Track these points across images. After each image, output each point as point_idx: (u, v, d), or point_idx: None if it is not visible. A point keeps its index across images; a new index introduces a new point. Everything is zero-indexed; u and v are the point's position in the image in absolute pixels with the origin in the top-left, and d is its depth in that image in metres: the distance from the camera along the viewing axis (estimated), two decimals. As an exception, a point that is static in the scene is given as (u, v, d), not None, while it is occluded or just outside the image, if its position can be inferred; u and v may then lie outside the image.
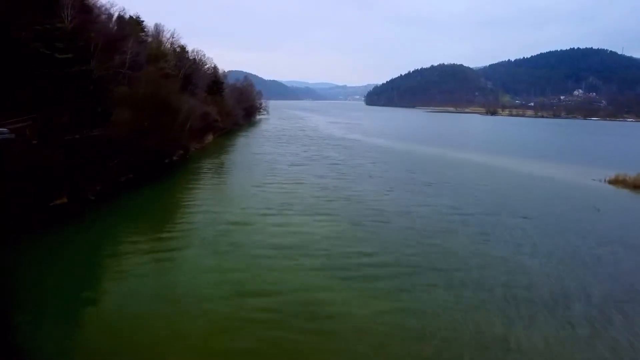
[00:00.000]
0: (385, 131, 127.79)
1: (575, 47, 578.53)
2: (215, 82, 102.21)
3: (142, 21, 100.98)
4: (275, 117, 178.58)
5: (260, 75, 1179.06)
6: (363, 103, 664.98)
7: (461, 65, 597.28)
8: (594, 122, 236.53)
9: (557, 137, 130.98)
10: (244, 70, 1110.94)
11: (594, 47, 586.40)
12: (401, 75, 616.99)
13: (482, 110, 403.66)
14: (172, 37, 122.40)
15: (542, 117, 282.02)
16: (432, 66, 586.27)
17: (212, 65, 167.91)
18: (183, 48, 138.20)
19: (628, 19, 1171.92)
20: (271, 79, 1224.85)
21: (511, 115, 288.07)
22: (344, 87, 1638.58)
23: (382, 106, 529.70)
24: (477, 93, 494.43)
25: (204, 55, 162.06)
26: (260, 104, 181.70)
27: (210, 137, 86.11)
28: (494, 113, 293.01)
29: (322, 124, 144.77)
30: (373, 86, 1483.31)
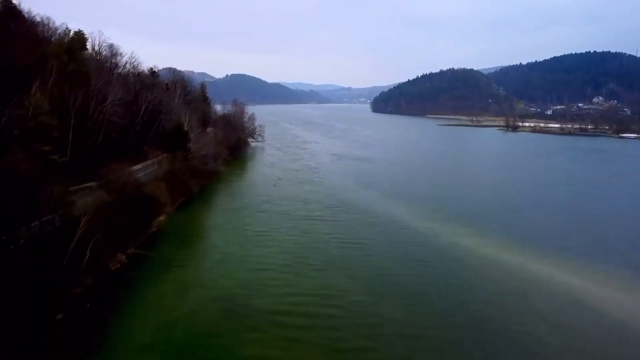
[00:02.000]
0: (415, 174, 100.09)
1: (592, 51, 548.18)
2: (178, 131, 73.79)
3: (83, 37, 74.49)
4: (271, 145, 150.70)
5: (263, 79, 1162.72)
6: (369, 107, 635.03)
7: (471, 69, 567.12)
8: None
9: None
10: (247, 74, 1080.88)
11: (611, 51, 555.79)
12: (409, 80, 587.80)
13: (499, 120, 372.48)
14: (132, 61, 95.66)
15: (570, 133, 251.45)
16: (441, 71, 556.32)
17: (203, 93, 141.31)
18: (153, 72, 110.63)
19: (636, 20, 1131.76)
20: (275, 82, 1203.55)
21: (534, 131, 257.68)
22: (349, 89, 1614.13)
23: (390, 114, 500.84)
24: (490, 100, 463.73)
25: (182, 77, 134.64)
26: (254, 130, 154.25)
27: (162, 217, 58.29)
28: (515, 128, 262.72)
29: (326, 161, 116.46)
30: (379, 88, 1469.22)
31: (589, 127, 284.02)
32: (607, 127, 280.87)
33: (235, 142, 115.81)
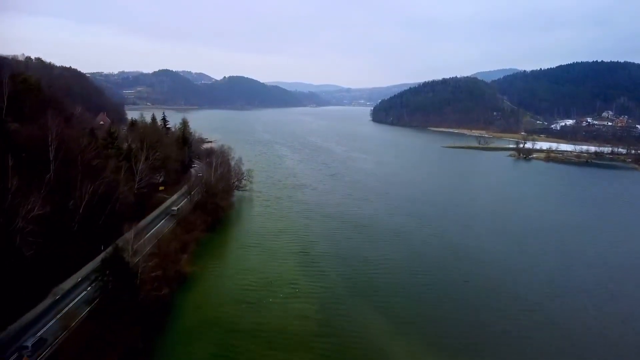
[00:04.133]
0: (439, 275, 79.68)
1: (599, 60, 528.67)
2: (118, 266, 52.35)
3: None
4: (259, 196, 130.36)
5: (262, 80, 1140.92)
6: (369, 111, 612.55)
7: (475, 78, 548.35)
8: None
9: None
10: (245, 76, 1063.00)
11: (619, 61, 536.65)
12: (410, 88, 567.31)
13: (507, 135, 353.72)
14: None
15: (587, 162, 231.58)
16: (444, 79, 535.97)
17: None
18: (111, 134, 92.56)
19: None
20: (274, 84, 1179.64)
21: (549, 158, 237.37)
22: (349, 90, 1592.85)
23: (391, 125, 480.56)
24: (495, 113, 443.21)
25: (152, 131, 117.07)
26: (242, 176, 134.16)
27: None
28: (527, 154, 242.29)
29: (322, 243, 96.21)
30: (378, 89, 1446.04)
31: (606, 151, 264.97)
32: (623, 152, 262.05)
33: (212, 211, 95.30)
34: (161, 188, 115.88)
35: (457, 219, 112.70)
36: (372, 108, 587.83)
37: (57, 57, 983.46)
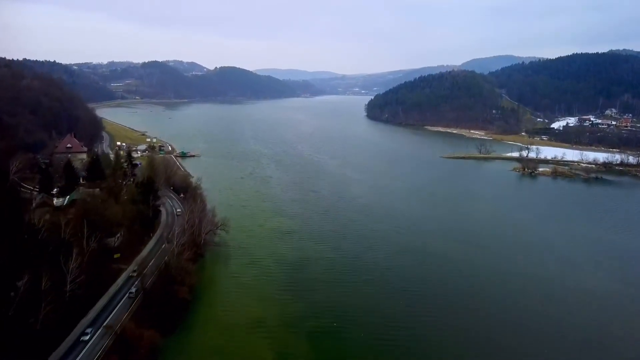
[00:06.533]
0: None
1: (599, 52, 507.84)
2: None
3: None
4: (236, 254, 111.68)
5: (255, 68, 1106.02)
6: (364, 102, 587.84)
7: (473, 72, 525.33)
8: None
9: None
10: (237, 66, 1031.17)
11: (620, 50, 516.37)
12: (406, 82, 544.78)
13: (509, 137, 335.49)
14: None
15: (597, 178, 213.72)
16: (441, 74, 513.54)
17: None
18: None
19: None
20: (266, 72, 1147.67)
21: (556, 174, 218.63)
22: (343, 77, 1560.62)
23: (386, 123, 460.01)
24: (494, 111, 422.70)
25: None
26: (215, 228, 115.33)
27: None
28: (533, 169, 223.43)
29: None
30: (373, 76, 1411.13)
31: (614, 161, 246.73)
32: (634, 162, 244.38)
33: (169, 311, 76.16)
34: (116, 255, 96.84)
35: (469, 290, 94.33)
36: (367, 103, 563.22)
37: (47, 47, 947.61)
